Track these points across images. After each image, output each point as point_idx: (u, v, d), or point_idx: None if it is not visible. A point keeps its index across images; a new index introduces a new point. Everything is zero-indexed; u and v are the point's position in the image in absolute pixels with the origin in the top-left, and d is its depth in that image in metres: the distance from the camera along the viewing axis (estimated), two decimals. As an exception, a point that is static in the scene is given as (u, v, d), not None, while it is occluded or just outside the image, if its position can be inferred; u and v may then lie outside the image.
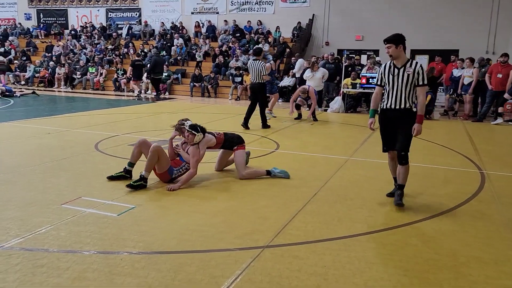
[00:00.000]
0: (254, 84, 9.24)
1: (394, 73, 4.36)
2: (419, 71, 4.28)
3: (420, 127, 4.34)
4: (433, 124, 10.86)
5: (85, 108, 12.51)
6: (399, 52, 4.31)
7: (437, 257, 3.31)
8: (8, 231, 3.59)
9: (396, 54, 4.31)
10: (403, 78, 4.30)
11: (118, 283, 2.83)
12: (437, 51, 15.22)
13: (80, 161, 6.02)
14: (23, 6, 24.29)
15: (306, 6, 18.81)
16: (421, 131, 4.34)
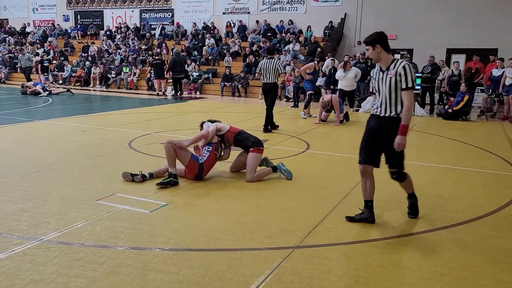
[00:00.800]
0: (267, 84, 8.88)
1: (379, 77, 3.83)
2: (401, 72, 3.66)
3: (403, 140, 3.69)
4: (470, 126, 10.53)
5: (119, 107, 12.81)
6: (378, 54, 3.80)
7: (475, 263, 3.20)
8: (47, 225, 3.72)
9: (375, 56, 3.83)
10: (385, 82, 3.75)
11: (151, 279, 2.87)
12: (475, 50, 14.74)
13: (114, 159, 6.17)
14: (62, 8, 25.13)
15: (338, 5, 18.60)
16: (404, 145, 3.71)
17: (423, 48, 16.38)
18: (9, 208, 4.08)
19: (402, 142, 3.70)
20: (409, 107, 3.70)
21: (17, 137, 7.60)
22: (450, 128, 9.90)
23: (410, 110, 3.73)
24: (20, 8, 26.17)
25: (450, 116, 11.36)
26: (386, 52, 3.81)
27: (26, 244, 3.33)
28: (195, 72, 17.98)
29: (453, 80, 12.76)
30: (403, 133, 3.70)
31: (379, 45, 3.80)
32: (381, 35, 3.86)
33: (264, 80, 8.89)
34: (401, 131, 3.70)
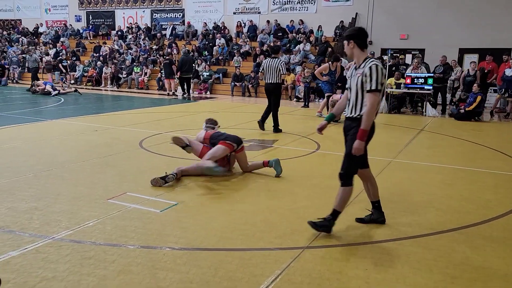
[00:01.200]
0: (270, 84, 8.71)
1: (352, 74, 3.66)
2: (367, 72, 3.44)
3: (360, 145, 3.46)
4: (482, 126, 10.41)
5: (130, 107, 12.90)
6: (351, 49, 3.61)
7: (487, 265, 3.17)
8: (59, 223, 3.77)
9: (348, 52, 3.65)
10: (355, 80, 3.56)
11: (161, 278, 2.89)
12: (488, 50, 14.57)
13: (125, 158, 6.21)
14: (74, 9, 25.38)
15: (349, 5, 18.50)
16: (361, 150, 3.48)
17: (435, 48, 16.23)
18: (22, 207, 4.14)
19: (359, 147, 3.47)
20: (370, 111, 3.44)
21: (29, 136, 7.70)
22: (462, 129, 9.80)
23: (371, 115, 3.46)
24: (33, 8, 26.49)
25: (462, 116, 11.24)
26: (359, 49, 3.60)
27: (38, 242, 3.38)
28: (205, 72, 18.03)
29: (468, 80, 12.63)
30: (361, 137, 3.47)
31: (353, 40, 3.60)
32: (358, 30, 3.68)
33: (267, 80, 8.77)
34: (359, 136, 3.47)
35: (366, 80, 3.45)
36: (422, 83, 12.27)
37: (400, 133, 9.15)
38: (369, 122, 3.47)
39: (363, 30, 3.67)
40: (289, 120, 10.93)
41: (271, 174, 5.56)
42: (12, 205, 4.19)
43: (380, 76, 3.45)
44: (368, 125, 3.47)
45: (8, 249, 3.25)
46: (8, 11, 27.33)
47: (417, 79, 12.33)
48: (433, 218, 4.13)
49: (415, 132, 9.13)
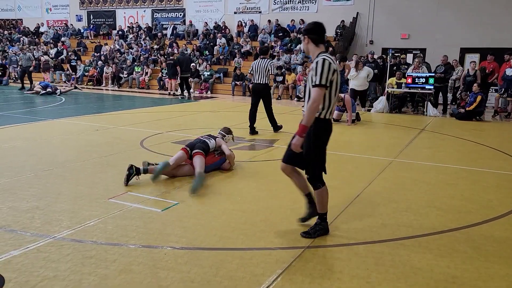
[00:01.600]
0: (259, 84, 8.49)
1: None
2: (313, 66, 3.33)
3: (298, 141, 3.34)
4: (483, 126, 10.40)
5: (131, 106, 12.91)
6: (306, 45, 3.53)
7: (488, 265, 3.17)
8: (60, 222, 3.77)
9: (304, 47, 3.59)
10: (309, 76, 3.43)
11: (162, 277, 2.89)
12: (489, 49, 14.55)
13: (126, 158, 6.21)
14: (75, 8, 25.40)
15: (350, 5, 18.50)
16: (298, 146, 3.36)
17: (436, 47, 16.23)
18: (23, 206, 4.15)
19: (296, 142, 3.34)
20: (312, 106, 3.27)
21: (30, 136, 7.71)
22: (464, 129, 9.79)
23: (313, 110, 3.29)
24: (34, 8, 26.51)
25: (464, 116, 11.23)
26: (314, 45, 3.48)
27: (39, 242, 3.38)
28: (206, 72, 18.03)
29: (468, 80, 12.62)
30: (299, 133, 3.32)
31: (307, 36, 3.49)
32: (314, 25, 3.52)
33: (256, 80, 8.55)
34: (298, 131, 3.33)
35: (312, 74, 3.34)
36: (423, 83, 12.26)
37: (401, 132, 9.14)
38: (309, 118, 3.31)
39: (318, 25, 3.53)
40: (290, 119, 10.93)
41: (272, 174, 5.56)
42: (13, 204, 4.19)
43: (326, 71, 3.28)
44: (309, 121, 3.31)
45: (10, 249, 3.25)
46: (9, 10, 27.35)
47: (418, 78, 12.31)
48: (434, 218, 4.12)
49: (416, 132, 9.12)
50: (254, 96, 8.74)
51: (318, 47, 3.48)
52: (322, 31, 3.52)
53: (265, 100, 8.62)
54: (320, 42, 3.50)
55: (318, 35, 3.49)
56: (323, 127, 3.43)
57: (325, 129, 3.47)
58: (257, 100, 8.64)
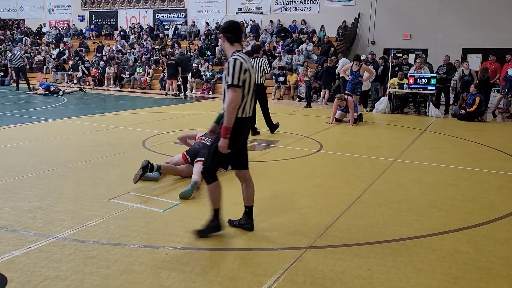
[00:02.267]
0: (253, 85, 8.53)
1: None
2: (227, 66, 3.32)
3: (222, 143, 3.32)
4: (485, 127, 10.38)
5: (132, 107, 12.92)
6: (223, 44, 3.53)
7: (490, 266, 3.16)
8: (62, 222, 3.78)
9: (222, 47, 3.58)
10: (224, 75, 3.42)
11: (164, 277, 2.90)
12: (491, 50, 14.52)
13: (128, 158, 6.22)
14: (77, 9, 25.44)
15: (352, 5, 18.48)
16: (225, 148, 3.34)
17: (438, 48, 16.21)
18: (25, 206, 4.15)
19: (222, 144, 3.33)
20: (229, 107, 3.27)
21: (32, 136, 7.72)
22: (465, 129, 9.77)
23: (232, 111, 3.28)
24: (36, 9, 26.56)
25: (465, 117, 11.21)
26: (229, 44, 3.47)
27: (41, 241, 3.39)
28: (208, 72, 18.04)
29: (464, 80, 12.61)
30: (223, 135, 3.31)
31: (223, 35, 3.49)
32: (228, 24, 3.52)
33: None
34: (222, 133, 3.32)
35: (227, 75, 3.32)
36: (425, 83, 12.24)
37: (403, 133, 9.13)
38: (229, 119, 3.30)
39: (233, 24, 3.53)
40: (292, 120, 10.94)
41: (273, 174, 5.57)
42: (15, 204, 4.20)
43: (238, 71, 3.28)
44: (229, 122, 3.30)
45: (12, 248, 3.26)
46: (11, 11, 27.41)
47: (420, 79, 12.30)
48: (436, 218, 4.12)
49: (418, 132, 9.11)
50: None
51: (233, 46, 3.47)
52: (237, 30, 3.51)
53: (260, 100, 8.46)
54: (235, 41, 3.48)
55: (233, 34, 3.47)
56: (238, 125, 3.40)
57: (241, 127, 3.44)
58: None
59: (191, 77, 17.73)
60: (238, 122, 3.38)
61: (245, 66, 3.32)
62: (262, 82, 8.33)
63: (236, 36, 3.48)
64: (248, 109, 3.45)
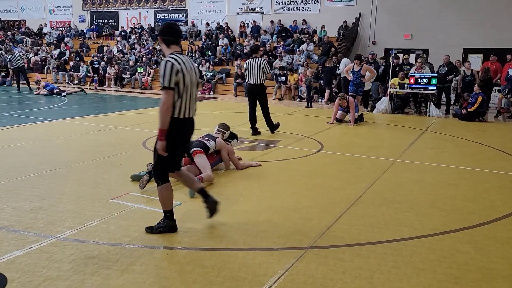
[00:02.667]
0: (253, 85, 8.30)
1: None
2: (159, 68, 3.40)
3: (159, 145, 3.36)
4: (486, 127, 10.37)
5: (133, 107, 12.93)
6: (161, 46, 3.57)
7: (491, 266, 3.16)
8: (63, 223, 3.78)
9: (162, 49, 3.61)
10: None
11: (164, 277, 2.90)
12: (492, 49, 14.51)
13: (129, 158, 6.23)
14: (78, 9, 25.46)
15: (353, 5, 18.47)
16: (162, 150, 3.38)
17: (439, 48, 16.19)
18: (26, 206, 4.16)
19: (159, 147, 3.37)
20: (161, 108, 3.32)
21: (33, 136, 7.73)
22: (466, 129, 9.76)
23: (164, 113, 3.32)
24: (37, 9, 26.58)
25: (466, 117, 11.20)
26: (165, 45, 3.50)
27: (42, 242, 3.39)
28: (208, 72, 18.05)
29: (466, 80, 12.59)
30: (159, 137, 3.36)
31: (160, 37, 3.53)
32: (165, 26, 3.55)
33: (250, 81, 8.34)
34: (158, 135, 3.37)
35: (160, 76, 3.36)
36: (426, 83, 12.24)
37: (404, 133, 9.13)
38: (162, 121, 3.34)
39: (169, 26, 3.55)
40: (292, 120, 10.94)
41: (274, 174, 5.57)
42: (16, 204, 4.21)
43: (168, 73, 3.31)
44: (163, 124, 3.34)
45: (13, 249, 3.27)
46: (12, 11, 27.43)
47: (420, 79, 12.29)
48: (437, 218, 4.11)
49: (419, 133, 9.10)
50: (250, 97, 8.58)
51: (170, 48, 3.50)
52: (173, 32, 3.53)
53: (261, 100, 8.44)
54: (171, 43, 3.51)
55: (170, 36, 3.50)
56: (175, 126, 3.43)
57: (177, 128, 3.46)
58: (253, 100, 8.49)
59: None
60: (176, 123, 3.42)
61: (177, 67, 3.35)
62: (261, 82, 8.30)
63: (172, 38, 3.51)
64: (186, 110, 3.47)
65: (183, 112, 3.45)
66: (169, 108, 3.35)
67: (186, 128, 3.55)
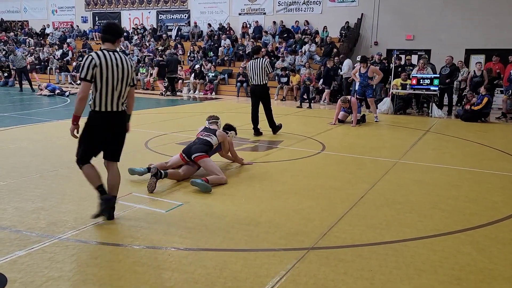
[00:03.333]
0: (256, 86, 8.31)
1: None
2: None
3: (71, 128, 3.78)
4: (489, 127, 10.35)
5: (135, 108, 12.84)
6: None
7: (492, 267, 3.15)
8: (65, 223, 3.79)
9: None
10: None
11: (166, 278, 2.90)
12: (494, 50, 14.47)
13: (131, 159, 6.22)
14: (80, 10, 25.52)
15: (355, 6, 18.47)
16: (72, 133, 3.80)
17: (441, 48, 16.16)
18: (29, 207, 4.17)
19: (70, 129, 3.78)
20: (77, 97, 3.68)
21: (36, 136, 7.75)
22: (469, 130, 9.75)
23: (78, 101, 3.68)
24: (39, 10, 26.66)
25: (469, 117, 11.17)
26: (102, 42, 3.85)
27: (45, 242, 3.40)
28: (211, 73, 18.07)
29: (475, 81, 12.54)
30: (72, 121, 3.75)
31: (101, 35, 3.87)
32: (104, 25, 3.87)
33: (253, 82, 8.35)
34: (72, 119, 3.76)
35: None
36: (428, 84, 12.22)
37: (406, 134, 9.11)
38: (76, 108, 3.69)
39: (108, 25, 3.88)
40: (294, 120, 10.95)
41: (276, 175, 5.57)
42: (19, 205, 4.22)
43: (86, 66, 3.60)
44: (76, 111, 3.69)
45: (15, 249, 3.28)
46: (15, 12, 27.52)
47: (423, 80, 12.27)
48: (439, 219, 4.11)
49: (421, 133, 9.09)
50: (253, 98, 8.56)
51: (103, 45, 3.80)
52: (109, 31, 3.81)
53: (264, 101, 8.44)
54: (106, 40, 3.79)
55: (105, 34, 3.79)
56: (92, 118, 3.77)
57: (95, 120, 3.77)
58: (256, 101, 8.48)
59: (193, 78, 17.81)
60: (94, 115, 3.76)
61: (95, 62, 3.62)
62: (264, 82, 8.31)
63: (108, 36, 3.78)
64: (105, 104, 3.72)
65: (101, 105, 3.72)
66: (83, 98, 3.66)
67: (104, 121, 3.78)
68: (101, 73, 3.63)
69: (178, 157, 5.33)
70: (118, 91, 3.75)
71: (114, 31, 3.82)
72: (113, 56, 3.70)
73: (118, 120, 3.85)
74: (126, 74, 3.78)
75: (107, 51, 3.71)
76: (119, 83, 3.73)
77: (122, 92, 3.79)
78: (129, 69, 3.82)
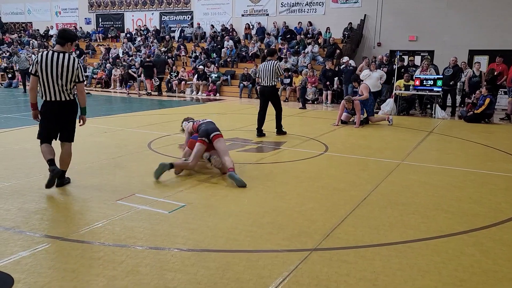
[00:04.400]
0: (266, 87, 8.47)
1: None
2: None
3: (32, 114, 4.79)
4: (492, 129, 10.32)
5: (139, 109, 12.98)
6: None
7: (496, 268, 3.14)
8: (69, 224, 3.80)
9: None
10: None
11: (169, 279, 2.91)
12: (498, 51, 14.42)
13: (134, 160, 6.25)
14: (84, 11, 25.62)
15: (358, 7, 18.45)
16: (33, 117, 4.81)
17: (444, 49, 16.14)
18: (33, 207, 4.19)
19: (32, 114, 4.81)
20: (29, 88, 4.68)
21: (40, 137, 7.77)
22: (472, 131, 9.72)
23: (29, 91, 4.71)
24: (43, 11, 26.78)
25: (472, 118, 11.14)
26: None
27: (48, 243, 3.41)
28: (213, 74, 18.09)
29: (474, 81, 12.52)
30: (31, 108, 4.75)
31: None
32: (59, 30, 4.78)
33: (263, 83, 8.52)
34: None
35: None
36: (431, 85, 12.19)
37: (409, 135, 9.09)
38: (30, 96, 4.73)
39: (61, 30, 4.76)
40: (298, 121, 10.95)
41: (279, 176, 5.57)
42: (23, 205, 4.24)
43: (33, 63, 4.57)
44: (30, 99, 4.70)
45: (19, 249, 3.29)
46: (19, 14, 27.65)
47: (426, 81, 12.24)
48: (442, 220, 4.10)
49: (424, 134, 9.07)
50: (262, 99, 8.70)
51: (55, 46, 4.71)
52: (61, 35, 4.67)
53: (274, 102, 8.61)
54: (56, 42, 4.73)
55: (57, 37, 4.69)
56: (42, 106, 4.67)
57: (43, 107, 4.67)
58: (265, 103, 8.60)
59: (196, 79, 17.83)
60: (43, 104, 4.66)
61: (38, 59, 4.54)
62: (274, 84, 8.47)
63: (59, 39, 4.65)
64: (48, 94, 4.59)
65: (45, 95, 4.59)
66: (31, 88, 4.65)
67: (50, 108, 4.64)
68: (41, 69, 4.51)
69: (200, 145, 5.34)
70: (60, 85, 4.56)
71: (65, 37, 4.63)
72: (56, 55, 4.52)
73: (64, 107, 4.65)
74: (66, 71, 4.54)
75: (53, 51, 4.56)
76: (59, 78, 4.53)
77: (64, 85, 4.58)
78: (70, 67, 4.55)
